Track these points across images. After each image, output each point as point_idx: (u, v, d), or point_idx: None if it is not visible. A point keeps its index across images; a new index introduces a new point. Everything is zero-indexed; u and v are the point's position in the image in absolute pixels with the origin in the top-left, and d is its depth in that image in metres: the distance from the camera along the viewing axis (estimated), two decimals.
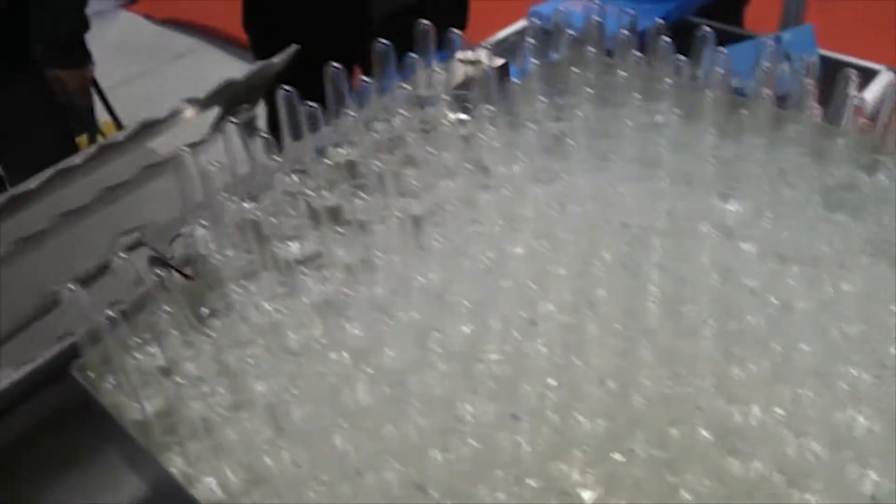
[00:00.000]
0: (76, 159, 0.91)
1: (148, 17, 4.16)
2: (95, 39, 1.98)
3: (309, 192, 0.84)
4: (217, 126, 1.01)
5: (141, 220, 0.86)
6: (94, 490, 0.80)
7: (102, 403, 0.73)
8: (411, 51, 0.93)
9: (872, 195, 0.80)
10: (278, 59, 1.07)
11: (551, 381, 0.68)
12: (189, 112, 0.97)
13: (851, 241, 0.77)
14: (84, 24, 1.88)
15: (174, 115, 0.95)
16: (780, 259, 0.75)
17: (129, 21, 4.13)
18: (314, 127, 0.88)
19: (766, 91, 0.85)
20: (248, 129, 0.85)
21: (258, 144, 0.84)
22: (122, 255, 0.74)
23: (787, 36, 1.61)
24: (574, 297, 0.74)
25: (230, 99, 1.01)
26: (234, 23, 2.01)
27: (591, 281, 0.75)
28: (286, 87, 0.87)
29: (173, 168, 0.81)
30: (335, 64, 0.89)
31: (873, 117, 0.86)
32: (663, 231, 0.78)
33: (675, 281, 0.74)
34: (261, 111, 1.12)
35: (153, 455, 0.70)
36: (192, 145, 0.86)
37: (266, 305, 0.76)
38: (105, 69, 2.24)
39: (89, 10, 1.88)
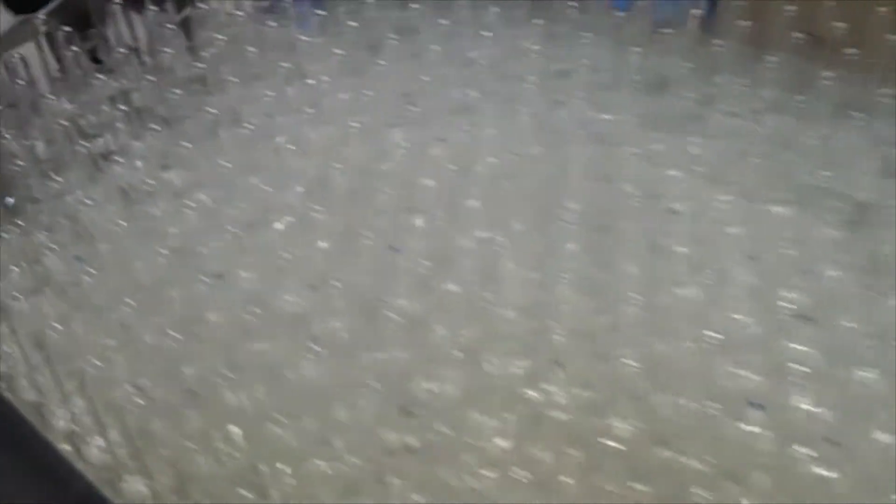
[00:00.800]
0: None
1: None
2: None
3: (119, 90, 0.86)
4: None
5: None
6: None
7: None
8: None
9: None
10: None
11: (323, 245, 0.71)
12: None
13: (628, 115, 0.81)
14: None
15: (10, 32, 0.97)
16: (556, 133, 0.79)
17: None
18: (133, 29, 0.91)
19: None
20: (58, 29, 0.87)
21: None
22: None
23: None
24: (362, 164, 0.78)
25: (73, 18, 1.03)
26: None
27: (379, 156, 0.78)
28: None
29: None
30: None
31: None
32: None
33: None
34: None
35: None
36: None
37: (69, 195, 0.79)
38: None
39: None
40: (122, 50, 0.88)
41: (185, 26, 0.93)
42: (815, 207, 0.77)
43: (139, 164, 0.82)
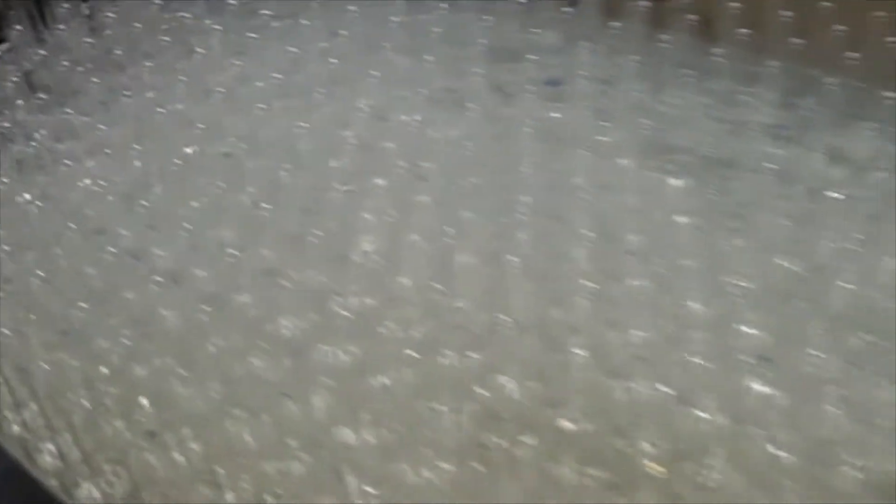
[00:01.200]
0: None
1: None
2: None
3: (19, 69, 0.92)
4: None
5: None
6: None
7: None
8: None
9: None
10: None
11: (195, 204, 0.77)
12: None
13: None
14: None
15: None
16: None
17: None
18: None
19: None
20: None
21: None
22: None
23: None
24: (239, 133, 0.85)
25: None
26: None
27: (256, 124, 0.85)
28: None
29: None
30: None
31: None
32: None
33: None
34: None
35: None
36: None
37: None
38: None
39: None
40: (19, 28, 0.94)
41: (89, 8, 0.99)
42: (659, 160, 0.84)
43: (36, 135, 0.88)
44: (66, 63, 0.93)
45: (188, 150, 0.84)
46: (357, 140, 0.82)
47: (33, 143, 0.87)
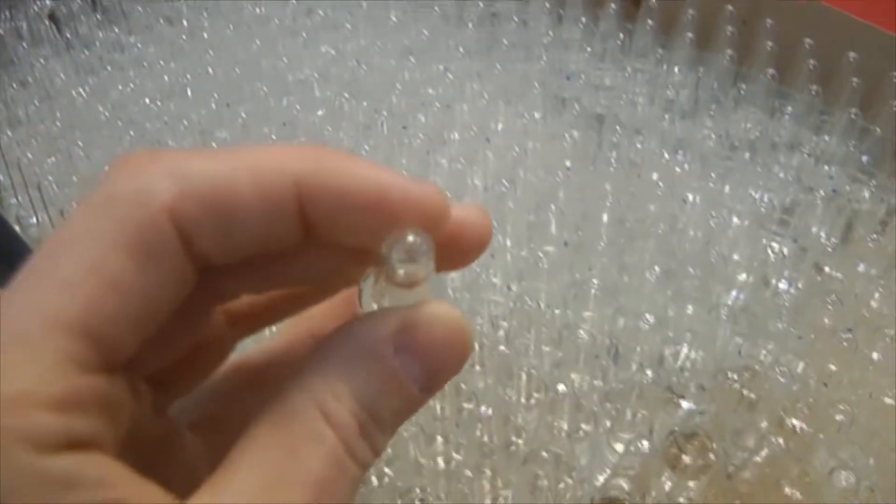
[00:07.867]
0: None
1: None
2: None
3: None
4: None
5: None
6: None
7: None
8: None
9: None
10: None
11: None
12: None
13: None
14: None
15: None
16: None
17: None
18: None
19: None
20: None
21: None
22: None
23: None
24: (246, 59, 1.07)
25: None
26: None
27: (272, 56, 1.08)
28: None
29: None
30: None
31: None
32: None
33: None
34: None
35: None
36: None
37: None
38: None
39: None
40: None
41: None
42: None
43: (92, 46, 1.12)
44: None
45: (210, 70, 1.07)
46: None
47: (86, 52, 1.11)
